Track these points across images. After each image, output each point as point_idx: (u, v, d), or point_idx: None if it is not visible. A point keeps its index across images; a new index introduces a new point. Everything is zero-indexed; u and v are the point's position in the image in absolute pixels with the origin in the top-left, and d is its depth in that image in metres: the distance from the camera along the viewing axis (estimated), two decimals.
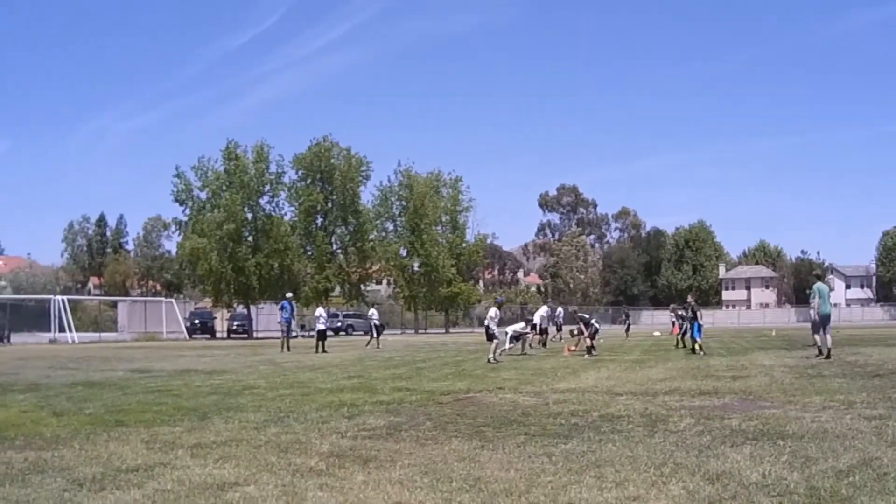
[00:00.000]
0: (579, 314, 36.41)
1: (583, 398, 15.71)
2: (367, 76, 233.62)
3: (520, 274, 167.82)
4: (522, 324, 33.05)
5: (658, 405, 14.27)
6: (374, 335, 44.65)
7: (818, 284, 27.04)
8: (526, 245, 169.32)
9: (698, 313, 31.46)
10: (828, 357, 25.11)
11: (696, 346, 30.38)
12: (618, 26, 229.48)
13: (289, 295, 46.96)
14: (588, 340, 31.35)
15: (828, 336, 25.98)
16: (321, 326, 39.35)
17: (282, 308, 43.14)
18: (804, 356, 27.70)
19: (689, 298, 32.16)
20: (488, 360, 27.18)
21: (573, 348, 33.44)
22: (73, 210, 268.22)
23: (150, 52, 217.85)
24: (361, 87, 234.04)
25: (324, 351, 36.76)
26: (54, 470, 9.01)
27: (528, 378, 20.85)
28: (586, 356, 29.72)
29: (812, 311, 26.94)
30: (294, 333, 33.16)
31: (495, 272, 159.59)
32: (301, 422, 12.77)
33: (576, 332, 34.76)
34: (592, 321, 32.71)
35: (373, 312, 48.23)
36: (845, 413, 12.71)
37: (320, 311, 41.32)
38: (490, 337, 28.90)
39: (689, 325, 32.35)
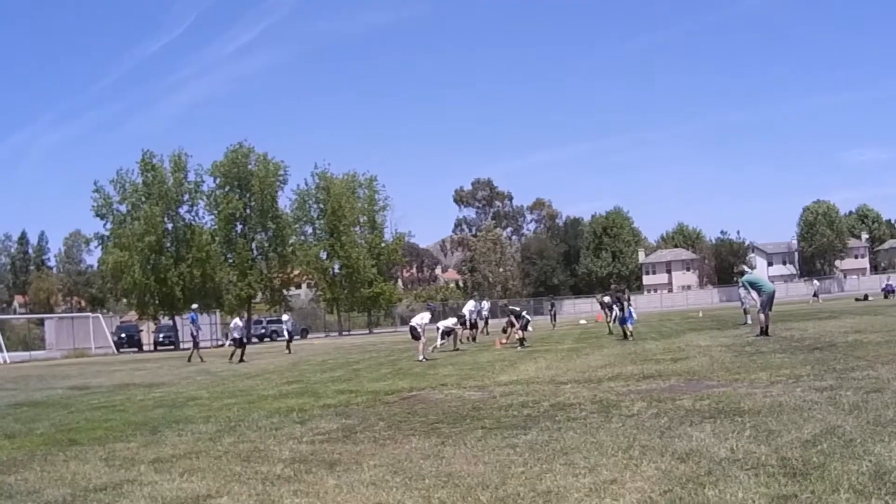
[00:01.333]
0: (510, 307, 36.52)
1: (528, 389, 15.84)
2: (279, 79, 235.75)
3: (437, 270, 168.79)
4: (454, 319, 32.83)
5: (606, 391, 14.39)
6: (289, 339, 45.50)
7: (746, 276, 27.58)
8: (443, 241, 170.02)
9: (630, 300, 32.09)
10: (766, 334, 25.23)
11: (628, 332, 30.66)
12: (524, 15, 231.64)
13: (194, 306, 47.19)
14: (520, 332, 31.48)
15: (769, 313, 26.15)
16: (237, 335, 38.59)
17: (192, 320, 43.52)
18: (737, 335, 28.08)
19: (614, 286, 32.78)
20: (420, 360, 27.05)
21: (504, 341, 33.57)
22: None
23: (64, 65, 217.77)
24: (274, 90, 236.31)
25: (241, 360, 35.91)
26: (21, 494, 8.96)
27: (467, 373, 20.93)
28: (519, 348, 29.96)
29: (749, 300, 27.23)
30: (221, 342, 32.65)
31: (413, 270, 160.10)
32: (254, 430, 12.81)
33: (506, 325, 34.97)
34: (523, 313, 32.89)
35: (286, 318, 49.52)
36: (795, 386, 12.89)
37: (237, 321, 41.05)
38: (416, 336, 28.74)
39: (620, 312, 32.52)
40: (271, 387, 21.10)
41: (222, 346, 55.78)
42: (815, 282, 76.68)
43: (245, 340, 39.10)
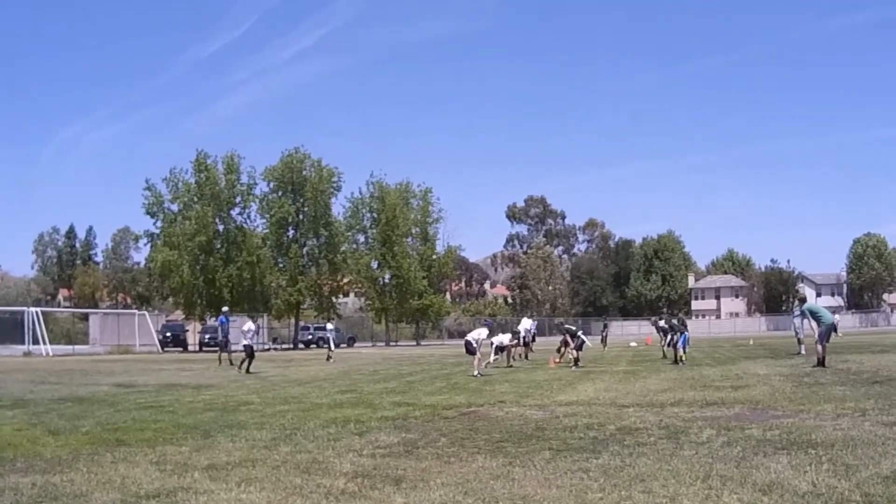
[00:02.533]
0: (565, 326, 35.54)
1: (591, 411, 15.62)
2: (337, 86, 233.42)
3: (486, 285, 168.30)
4: (509, 336, 32.56)
5: (671, 417, 14.15)
6: (330, 347, 44.70)
7: (807, 305, 27.22)
8: (494, 256, 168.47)
9: (687, 325, 31.72)
10: (822, 365, 24.83)
11: (681, 357, 30.35)
12: (589, 36, 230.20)
13: (224, 309, 46.85)
14: (574, 352, 31.00)
15: (826, 345, 25.64)
16: (247, 342, 33.60)
17: (221, 323, 43.37)
18: (793, 364, 27.73)
19: (669, 311, 32.03)
20: (475, 375, 26.71)
21: (558, 360, 33.21)
22: (44, 221, 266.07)
23: (119, 63, 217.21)
24: (332, 97, 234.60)
25: (248, 371, 31.97)
26: (67, 497, 8.62)
27: (525, 391, 20.65)
28: (573, 368, 29.50)
29: (804, 330, 26.37)
30: (267, 347, 31.15)
31: (462, 284, 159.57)
32: (311, 439, 12.51)
33: (561, 344, 34.17)
34: (578, 333, 32.33)
35: (330, 327, 48.50)
36: (862, 420, 12.68)
37: (249, 324, 35.15)
38: (471, 351, 28.18)
39: (676, 336, 31.90)
40: (324, 395, 20.80)
41: (268, 350, 55.19)
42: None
43: (254, 349, 37.99)
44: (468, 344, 28.32)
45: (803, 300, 28.98)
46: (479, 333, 28.52)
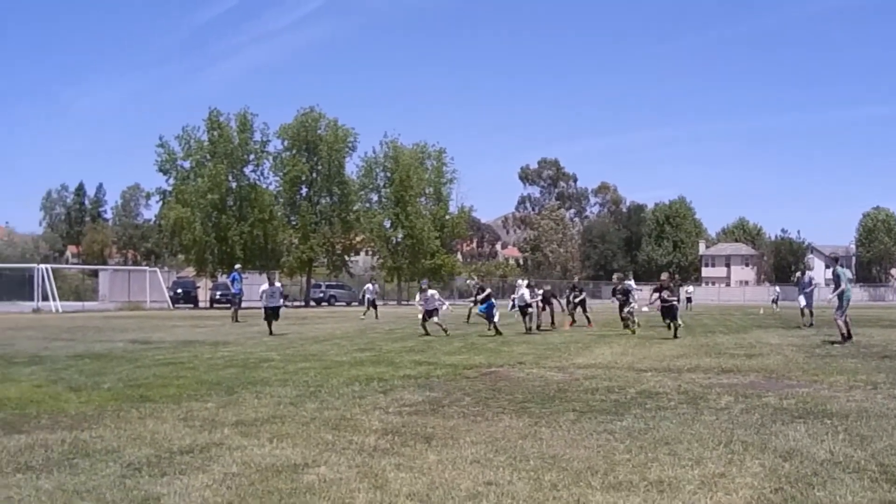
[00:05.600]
0: (625, 284, 35.05)
1: (610, 374, 15.98)
2: (350, 46, 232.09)
3: (498, 246, 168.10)
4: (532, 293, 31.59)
5: (688, 382, 14.42)
6: (373, 308, 44.17)
7: (840, 268, 25.98)
8: (506, 217, 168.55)
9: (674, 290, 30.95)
10: (850, 338, 24.12)
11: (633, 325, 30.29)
12: (603, 1, 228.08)
13: (237, 266, 46.71)
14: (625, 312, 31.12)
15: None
16: (276, 303, 30.49)
17: (233, 280, 43.36)
18: (803, 335, 28.11)
19: (665, 276, 30.73)
20: (529, 329, 29.00)
21: (571, 323, 33.66)
22: (52, 179, 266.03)
23: (129, 19, 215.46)
24: (345, 57, 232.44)
25: (270, 333, 28.75)
26: (99, 453, 8.66)
27: (542, 353, 20.87)
28: (635, 328, 29.90)
29: (832, 296, 25.15)
30: (281, 304, 30.58)
31: (474, 244, 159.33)
32: (336, 397, 12.68)
33: (625, 306, 32.13)
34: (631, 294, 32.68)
35: (368, 286, 47.02)
36: (875, 393, 12.91)
37: (267, 285, 31.12)
38: (524, 311, 29.84)
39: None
40: (343, 353, 20.90)
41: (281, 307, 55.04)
42: (776, 288, 74.17)
43: (238, 301, 38.24)
44: (524, 304, 29.84)
45: (836, 259, 28.76)
46: (526, 292, 29.96)
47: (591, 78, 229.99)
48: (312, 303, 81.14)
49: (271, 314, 29.66)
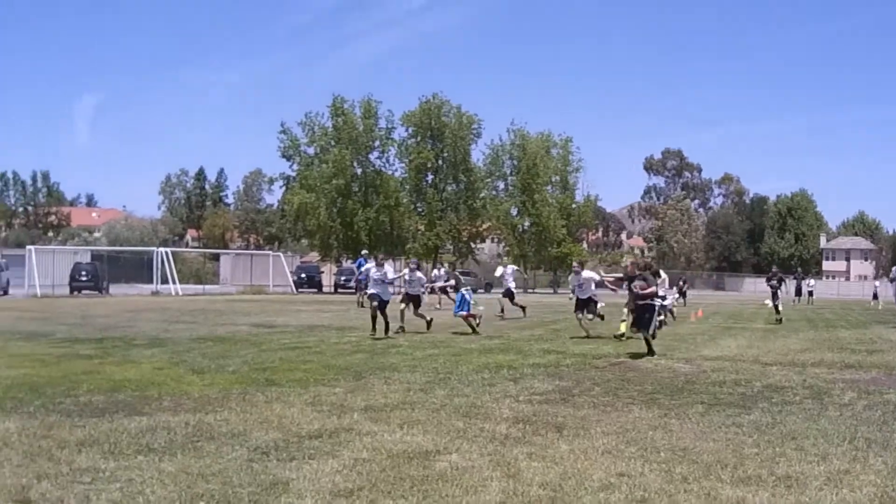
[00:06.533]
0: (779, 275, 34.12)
1: (736, 367, 15.89)
2: (473, 32, 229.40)
3: (623, 236, 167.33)
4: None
5: (813, 377, 14.48)
6: (444, 294, 42.99)
7: None
8: (631, 207, 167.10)
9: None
10: None
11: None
12: None
13: (364, 252, 46.79)
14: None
15: None
16: (416, 290, 26.68)
17: (359, 265, 42.96)
18: None
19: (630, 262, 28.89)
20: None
21: (700, 314, 33.27)
22: (171, 163, 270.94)
23: (253, 2, 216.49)
24: (467, 44, 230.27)
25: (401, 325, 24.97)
26: (225, 436, 8.67)
27: (670, 344, 20.72)
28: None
29: None
30: (422, 292, 29.20)
31: (599, 233, 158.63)
32: (466, 384, 12.68)
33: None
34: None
35: (442, 272, 45.48)
36: None
37: (386, 269, 25.31)
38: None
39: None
40: (472, 340, 20.91)
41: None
42: (877, 283, 71.29)
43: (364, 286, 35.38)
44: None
45: None
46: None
47: (713, 66, 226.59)
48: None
49: (410, 301, 25.51)
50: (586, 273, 23.12)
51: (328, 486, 6.80)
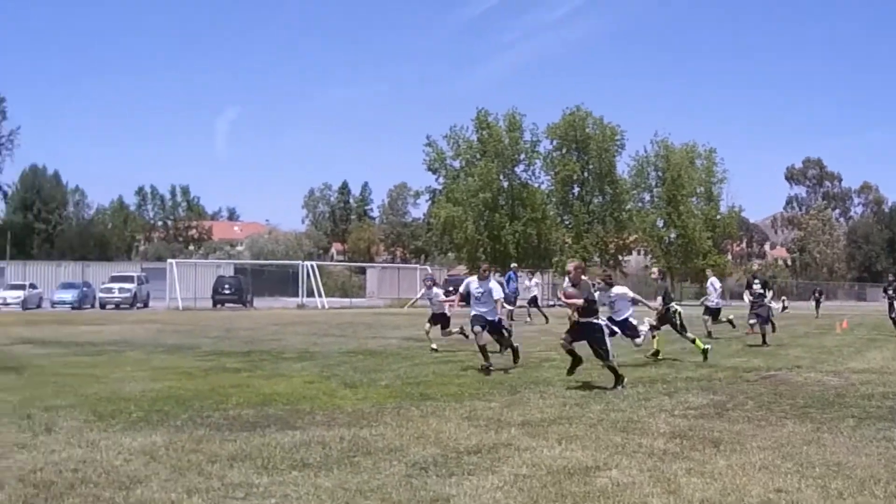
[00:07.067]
0: None
1: (884, 379, 15.62)
2: (612, 43, 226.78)
3: (766, 247, 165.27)
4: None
5: None
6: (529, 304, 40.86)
7: None
8: (774, 217, 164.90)
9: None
10: None
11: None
12: None
13: (513, 265, 46.46)
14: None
15: None
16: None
17: (508, 279, 42.58)
18: None
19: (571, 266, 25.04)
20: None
21: (845, 325, 32.59)
22: (313, 177, 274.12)
23: (389, 19, 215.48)
24: (606, 55, 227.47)
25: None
26: (382, 451, 8.69)
27: (818, 356, 20.55)
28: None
29: None
30: (553, 303, 28.61)
31: (743, 244, 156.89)
32: (621, 398, 12.64)
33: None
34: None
35: (535, 281, 43.84)
36: None
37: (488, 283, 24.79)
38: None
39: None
40: (624, 353, 19.79)
41: (553, 306, 54.46)
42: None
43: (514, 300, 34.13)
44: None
45: None
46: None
47: (852, 74, 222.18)
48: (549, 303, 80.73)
49: (437, 321, 23.33)
50: (617, 289, 18.78)
51: (489, 503, 6.82)
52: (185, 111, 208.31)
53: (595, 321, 14.57)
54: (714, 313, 28.29)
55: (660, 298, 20.64)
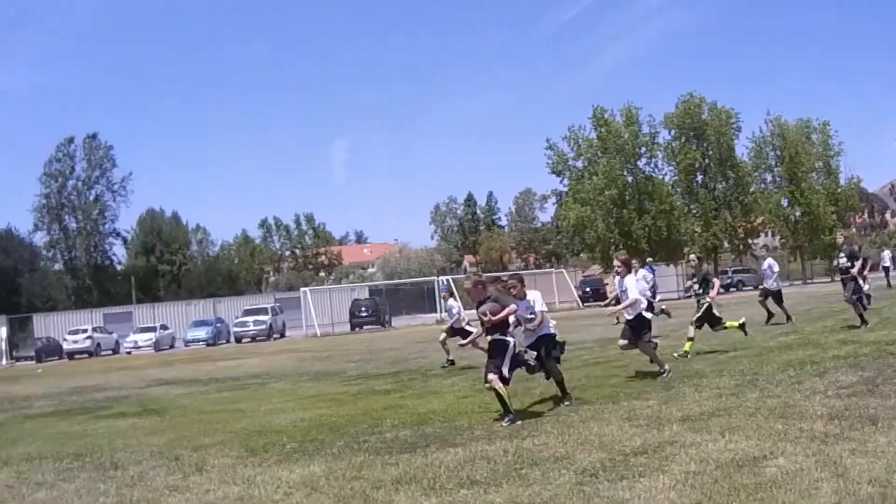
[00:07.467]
0: None
1: None
2: (717, 27, 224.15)
3: (887, 215, 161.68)
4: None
5: None
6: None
7: None
8: (892, 185, 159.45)
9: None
10: None
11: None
12: None
13: (649, 260, 46.09)
14: None
15: None
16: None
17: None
18: None
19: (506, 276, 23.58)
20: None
21: None
22: (437, 192, 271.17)
23: (491, 21, 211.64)
24: (712, 39, 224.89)
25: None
26: (548, 460, 8.64)
27: None
28: None
29: None
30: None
31: (865, 215, 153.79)
32: (774, 384, 12.43)
33: None
34: None
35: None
36: None
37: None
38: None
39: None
40: (769, 338, 20.26)
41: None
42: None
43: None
44: None
45: None
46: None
47: None
48: (721, 289, 79.61)
49: (455, 334, 22.61)
50: (635, 275, 17.27)
51: None
52: (297, 141, 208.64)
53: (503, 338, 12.27)
54: (776, 296, 26.97)
55: (695, 285, 19.51)
